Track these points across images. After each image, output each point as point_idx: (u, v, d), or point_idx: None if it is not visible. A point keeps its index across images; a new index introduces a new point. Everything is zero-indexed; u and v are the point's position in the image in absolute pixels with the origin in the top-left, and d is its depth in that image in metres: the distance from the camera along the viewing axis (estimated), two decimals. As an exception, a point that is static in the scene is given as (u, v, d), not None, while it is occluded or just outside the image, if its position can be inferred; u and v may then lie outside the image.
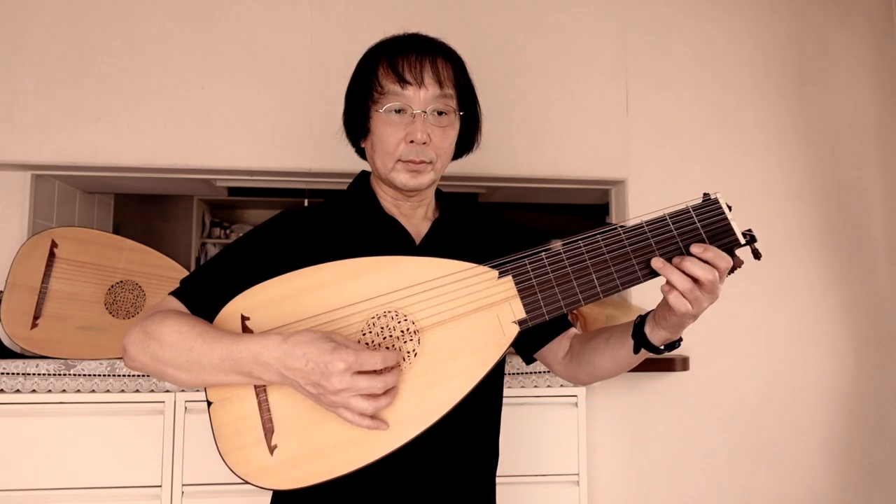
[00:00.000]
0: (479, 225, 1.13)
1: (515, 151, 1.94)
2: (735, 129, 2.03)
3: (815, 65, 2.08)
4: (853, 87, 2.09)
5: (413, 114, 0.97)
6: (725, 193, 2.08)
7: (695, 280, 0.81)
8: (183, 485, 1.57)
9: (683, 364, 1.85)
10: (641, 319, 0.93)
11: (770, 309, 1.98)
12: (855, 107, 2.08)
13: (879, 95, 2.10)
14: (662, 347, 0.92)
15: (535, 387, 1.70)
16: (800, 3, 2.09)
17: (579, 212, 2.58)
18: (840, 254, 2.03)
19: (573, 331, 1.12)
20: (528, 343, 1.12)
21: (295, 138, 1.88)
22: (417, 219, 1.07)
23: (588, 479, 1.81)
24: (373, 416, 0.79)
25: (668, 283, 0.82)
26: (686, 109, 2.02)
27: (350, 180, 1.14)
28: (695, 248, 0.82)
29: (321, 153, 1.88)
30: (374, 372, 0.78)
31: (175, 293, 0.95)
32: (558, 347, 1.10)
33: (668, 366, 1.82)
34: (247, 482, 0.82)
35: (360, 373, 0.77)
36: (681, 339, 0.92)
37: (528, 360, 1.15)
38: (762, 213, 2.01)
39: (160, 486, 1.57)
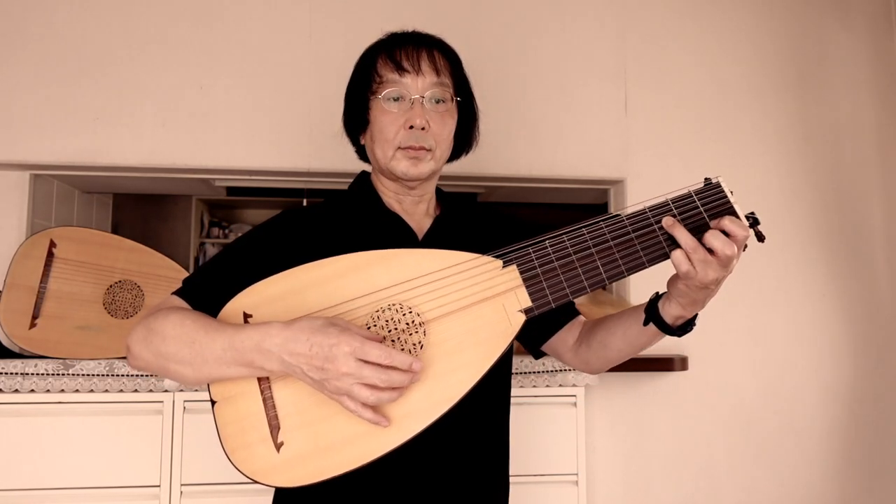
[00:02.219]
0: (481, 221, 1.13)
1: (514, 151, 1.94)
2: (734, 128, 2.03)
3: (813, 65, 2.09)
4: (852, 87, 2.09)
5: (411, 99, 0.99)
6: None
7: (710, 251, 0.81)
8: (182, 485, 1.57)
9: (682, 364, 1.85)
10: (657, 296, 0.93)
11: (769, 309, 1.99)
12: (854, 107, 2.09)
13: (879, 95, 2.10)
14: (675, 328, 0.91)
15: (535, 387, 1.69)
16: (799, 2, 2.10)
17: (579, 212, 2.58)
18: (838, 254, 2.04)
19: (582, 318, 1.12)
20: (536, 335, 1.12)
21: (293, 138, 1.88)
22: (419, 215, 1.08)
23: (587, 479, 1.81)
24: (375, 411, 0.78)
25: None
26: (685, 109, 2.02)
27: (349, 180, 1.14)
28: (712, 223, 0.83)
29: (320, 153, 1.87)
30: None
31: (177, 293, 0.95)
32: (568, 335, 1.10)
33: (667, 365, 1.82)
34: (254, 481, 0.81)
35: (366, 363, 0.76)
36: (694, 323, 0.92)
37: (537, 354, 1.15)
38: (761, 213, 1.99)
39: (159, 486, 1.56)
